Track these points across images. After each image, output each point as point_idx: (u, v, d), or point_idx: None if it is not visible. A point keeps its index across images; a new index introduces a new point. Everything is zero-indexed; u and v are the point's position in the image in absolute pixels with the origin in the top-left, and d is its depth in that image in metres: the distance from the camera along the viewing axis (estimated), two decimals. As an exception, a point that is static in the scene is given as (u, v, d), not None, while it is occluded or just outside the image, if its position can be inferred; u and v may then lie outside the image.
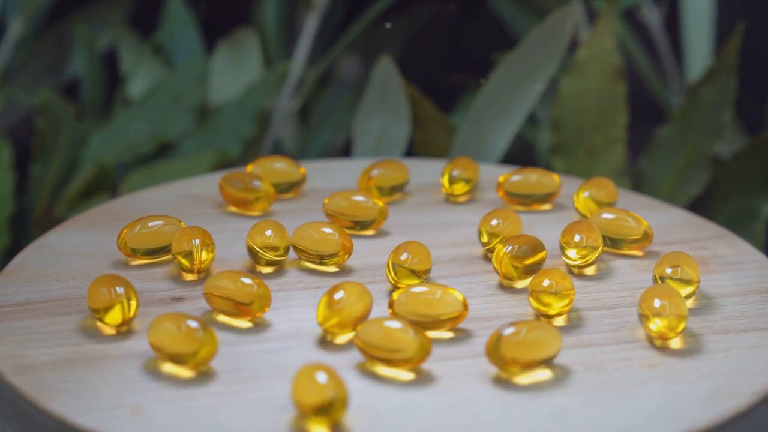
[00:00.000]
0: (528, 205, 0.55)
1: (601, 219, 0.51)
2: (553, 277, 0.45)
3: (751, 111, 0.80)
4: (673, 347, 0.44)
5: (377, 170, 0.55)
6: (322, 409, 0.39)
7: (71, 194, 0.71)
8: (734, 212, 0.71)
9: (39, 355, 0.44)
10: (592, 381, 0.42)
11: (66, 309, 0.46)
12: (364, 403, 0.41)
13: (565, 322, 0.45)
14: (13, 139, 0.75)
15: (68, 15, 0.82)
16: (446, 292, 0.44)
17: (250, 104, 0.73)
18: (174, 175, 0.69)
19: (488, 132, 0.68)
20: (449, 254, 0.50)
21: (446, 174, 0.56)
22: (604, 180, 0.54)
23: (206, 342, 0.42)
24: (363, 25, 0.76)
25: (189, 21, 0.79)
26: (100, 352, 0.44)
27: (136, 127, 0.74)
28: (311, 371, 0.40)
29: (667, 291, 0.45)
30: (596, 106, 0.70)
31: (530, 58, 0.68)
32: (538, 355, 0.42)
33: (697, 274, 0.47)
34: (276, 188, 0.55)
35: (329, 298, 0.44)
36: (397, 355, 0.42)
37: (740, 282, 0.48)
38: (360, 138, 0.70)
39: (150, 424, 0.40)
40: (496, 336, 0.42)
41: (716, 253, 0.50)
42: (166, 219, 0.50)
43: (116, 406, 0.41)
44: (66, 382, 0.42)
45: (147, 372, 0.43)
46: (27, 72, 0.80)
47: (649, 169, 0.71)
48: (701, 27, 0.76)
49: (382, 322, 0.42)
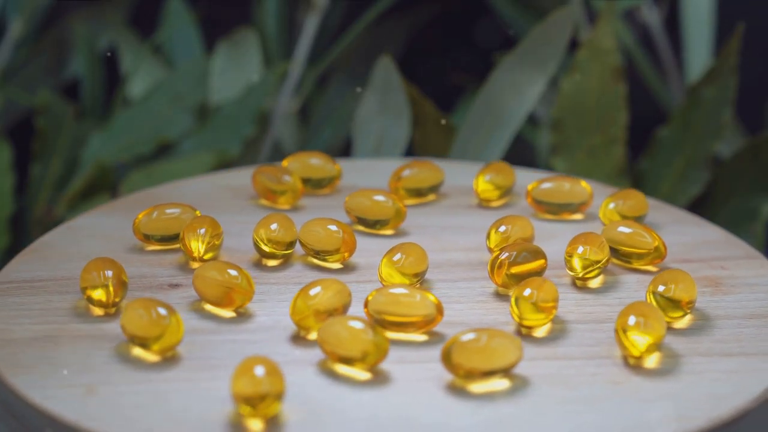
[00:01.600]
0: (557, 214, 0.54)
1: (615, 231, 0.49)
2: (537, 287, 0.45)
3: (751, 111, 0.80)
4: (647, 366, 0.43)
5: (409, 171, 0.55)
6: (254, 402, 0.40)
7: (71, 194, 0.71)
8: (734, 212, 0.71)
9: (22, 330, 0.45)
10: (548, 394, 0.41)
11: (67, 288, 0.48)
12: (310, 399, 0.41)
13: (546, 333, 0.45)
14: (13, 139, 0.75)
15: (68, 15, 0.82)
16: (424, 295, 0.44)
17: (250, 104, 0.73)
18: (174, 175, 0.69)
19: (488, 132, 0.68)
20: (457, 258, 0.50)
21: (478, 178, 0.55)
22: (634, 192, 0.53)
23: (171, 328, 0.43)
24: (363, 25, 0.76)
25: (189, 21, 0.79)
26: (79, 331, 0.45)
27: (136, 127, 0.74)
28: (251, 364, 0.40)
29: (646, 309, 0.43)
30: (596, 106, 0.70)
31: (530, 58, 0.68)
32: (490, 364, 0.41)
33: (690, 294, 0.46)
34: (310, 183, 0.55)
35: (304, 293, 0.45)
36: (353, 354, 0.42)
37: (747, 305, 0.47)
38: (360, 138, 0.70)
39: (93, 404, 0.41)
40: (451, 342, 0.42)
41: (734, 274, 0.49)
42: (183, 207, 0.51)
43: (72, 384, 0.42)
44: (34, 358, 0.43)
45: (116, 354, 0.43)
46: (27, 72, 0.80)
47: (649, 169, 0.71)
48: (701, 27, 0.76)
49: (344, 321, 0.43)
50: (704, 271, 0.49)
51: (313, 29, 0.78)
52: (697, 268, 0.49)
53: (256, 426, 0.40)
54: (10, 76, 0.79)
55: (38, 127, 0.73)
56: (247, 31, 0.78)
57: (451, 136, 0.70)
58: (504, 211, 0.55)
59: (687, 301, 0.46)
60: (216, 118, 0.74)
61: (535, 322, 0.45)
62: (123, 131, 0.73)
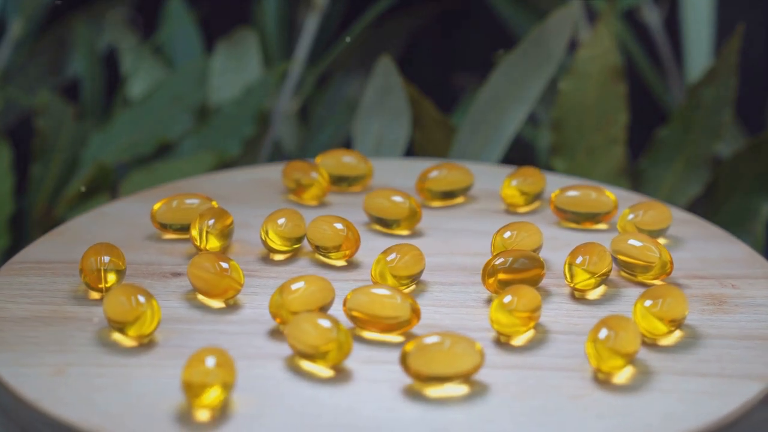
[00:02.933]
0: (579, 223, 0.53)
1: (623, 243, 0.49)
2: (518, 295, 0.45)
3: (751, 111, 0.80)
4: (615, 381, 0.43)
5: (437, 172, 0.55)
6: (199, 391, 0.40)
7: (71, 195, 0.71)
8: (734, 212, 0.71)
9: (18, 309, 0.46)
10: (501, 403, 0.41)
11: (74, 271, 0.49)
12: (266, 393, 0.42)
13: (524, 342, 0.45)
14: (12, 140, 0.75)
15: (68, 15, 0.82)
16: (404, 297, 0.44)
17: (249, 104, 0.73)
18: (174, 175, 0.69)
19: (488, 132, 0.68)
20: (462, 262, 0.50)
21: (505, 183, 0.55)
22: (656, 204, 0.52)
23: (147, 315, 0.44)
24: (363, 25, 0.76)
25: (189, 21, 0.79)
26: (71, 313, 0.46)
27: (136, 128, 0.74)
28: (204, 354, 0.41)
29: (622, 323, 0.43)
30: (596, 106, 0.70)
31: (530, 58, 0.68)
32: (445, 369, 0.41)
33: (676, 312, 0.45)
34: (341, 181, 0.56)
35: (286, 287, 0.45)
36: (315, 351, 0.42)
37: (744, 326, 0.46)
38: (360, 138, 0.70)
39: (56, 384, 0.42)
40: (409, 345, 0.42)
41: (743, 293, 0.48)
42: (202, 198, 0.52)
43: (43, 364, 0.43)
44: (18, 336, 0.45)
45: (96, 338, 0.45)
46: (27, 72, 0.80)
47: (649, 169, 0.71)
48: (701, 27, 0.76)
49: (312, 317, 0.43)
50: (712, 288, 0.48)
51: (313, 29, 0.78)
52: (705, 285, 0.49)
53: (202, 415, 0.40)
54: (10, 76, 0.79)
55: (38, 128, 0.73)
56: (247, 31, 0.78)
57: (451, 136, 0.70)
58: (524, 218, 0.54)
59: (671, 318, 0.45)
60: (216, 118, 0.74)
61: (511, 329, 0.44)
62: (123, 131, 0.73)
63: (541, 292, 0.48)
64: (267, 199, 0.56)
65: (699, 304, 0.47)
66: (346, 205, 0.55)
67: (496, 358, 0.44)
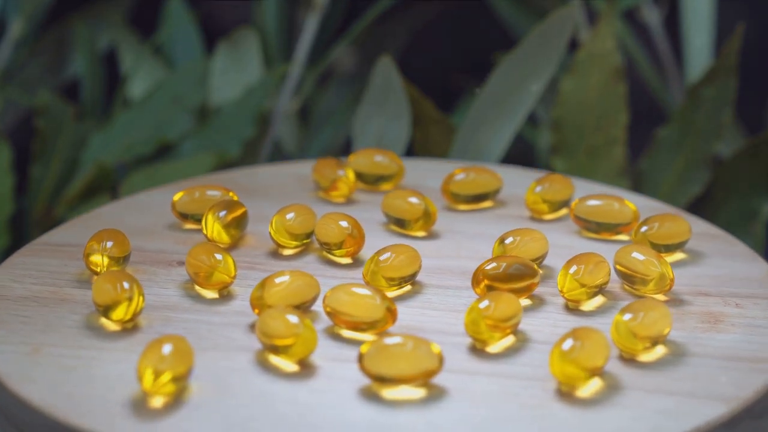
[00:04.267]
0: (598, 233, 0.53)
1: (626, 255, 0.48)
2: (496, 303, 0.44)
3: (751, 111, 0.80)
4: (577, 395, 0.42)
5: (463, 175, 0.55)
6: (151, 379, 0.41)
7: (71, 195, 0.71)
8: (734, 212, 0.70)
9: (20, 288, 0.48)
10: (452, 408, 0.41)
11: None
12: (224, 384, 0.42)
13: (500, 350, 0.44)
14: (12, 140, 0.75)
15: (68, 15, 0.82)
16: (383, 297, 0.44)
17: (250, 105, 0.73)
18: (174, 175, 0.69)
19: (488, 132, 0.68)
20: (465, 266, 0.50)
21: (529, 189, 0.54)
22: (673, 217, 0.51)
23: (130, 301, 0.45)
24: (363, 25, 0.76)
25: (189, 21, 0.79)
26: (68, 295, 0.48)
27: (136, 128, 0.74)
28: (163, 342, 0.42)
29: (590, 335, 0.42)
30: (596, 106, 0.70)
31: (530, 58, 0.68)
32: (399, 371, 0.41)
33: (652, 329, 0.44)
34: (372, 179, 0.56)
35: (270, 280, 0.46)
36: (279, 344, 0.43)
37: (735, 346, 0.45)
38: (360, 138, 0.70)
39: (28, 363, 0.43)
40: (367, 346, 0.42)
41: (745, 313, 0.47)
42: (224, 191, 0.53)
43: (24, 342, 0.45)
44: (10, 314, 0.46)
45: (84, 320, 0.46)
46: (27, 72, 0.80)
47: (649, 169, 0.71)
48: (701, 27, 0.76)
49: (280, 312, 0.43)
50: (714, 306, 0.47)
51: (313, 29, 0.78)
52: (708, 303, 0.48)
53: (156, 402, 0.41)
54: (10, 76, 0.79)
55: (38, 128, 0.73)
56: (247, 31, 0.78)
57: (451, 136, 0.70)
58: (548, 226, 0.53)
59: (646, 335, 0.43)
60: (216, 118, 0.74)
61: (483, 335, 0.44)
62: (123, 132, 0.73)
63: (535, 300, 0.47)
64: (294, 194, 0.56)
65: (693, 322, 0.46)
66: (373, 204, 0.55)
67: (465, 363, 0.43)
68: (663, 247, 0.50)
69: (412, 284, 0.49)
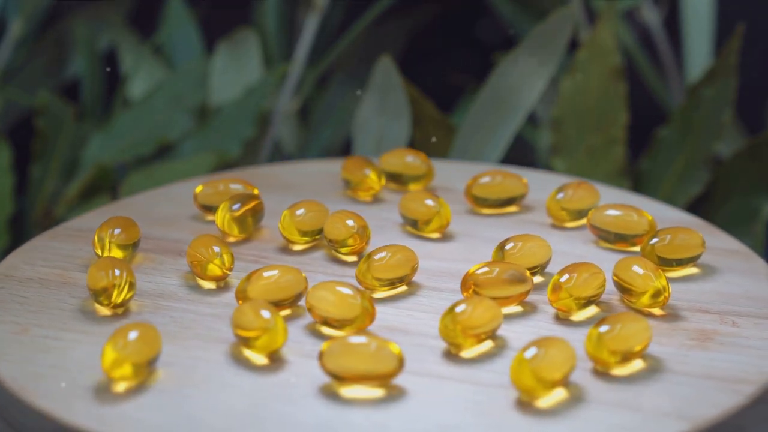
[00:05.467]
0: (613, 243, 0.51)
1: (625, 268, 0.47)
2: (475, 307, 0.44)
3: (751, 111, 0.80)
4: (536, 405, 0.41)
5: (488, 179, 0.54)
6: (113, 365, 0.42)
7: (71, 195, 0.71)
8: (734, 212, 0.70)
9: (29, 270, 0.49)
10: (406, 410, 0.41)
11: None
12: (190, 372, 0.43)
13: (473, 355, 0.44)
14: (12, 140, 0.75)
15: (68, 15, 0.82)
16: (363, 297, 0.44)
17: (250, 105, 0.73)
18: (174, 176, 0.69)
19: (488, 132, 0.68)
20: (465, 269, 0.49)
21: (551, 196, 0.53)
22: (688, 230, 0.49)
23: (120, 288, 0.46)
24: (363, 25, 0.76)
25: (189, 21, 0.79)
26: (71, 279, 0.48)
27: (136, 128, 0.74)
28: (128, 329, 0.42)
29: (555, 344, 0.41)
30: (596, 106, 0.70)
31: (530, 58, 0.68)
32: (356, 370, 0.41)
33: (630, 343, 0.42)
34: (402, 179, 0.56)
35: (258, 273, 0.46)
36: (248, 335, 0.43)
37: (716, 365, 0.44)
38: (360, 138, 0.70)
39: (11, 343, 0.44)
40: (327, 344, 0.42)
41: (740, 333, 0.46)
42: (247, 185, 0.54)
43: (14, 322, 0.45)
44: (11, 294, 0.47)
45: (79, 304, 0.47)
46: (27, 72, 0.80)
47: (649, 169, 0.71)
48: (701, 27, 0.76)
49: (254, 304, 0.43)
50: (709, 324, 0.46)
51: (313, 29, 0.78)
52: (704, 320, 0.46)
53: (119, 387, 0.42)
54: (10, 76, 0.79)
55: (38, 128, 0.73)
56: (247, 31, 0.78)
57: (451, 136, 0.70)
58: (569, 234, 0.52)
59: (616, 349, 0.42)
60: (216, 118, 0.74)
61: (455, 340, 0.43)
62: (123, 132, 0.73)
63: (526, 307, 0.47)
64: (322, 192, 0.56)
65: (682, 338, 0.45)
66: (396, 203, 0.55)
67: (434, 366, 0.43)
68: (675, 261, 0.49)
69: (408, 285, 0.48)
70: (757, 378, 0.43)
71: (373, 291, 0.48)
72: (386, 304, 0.47)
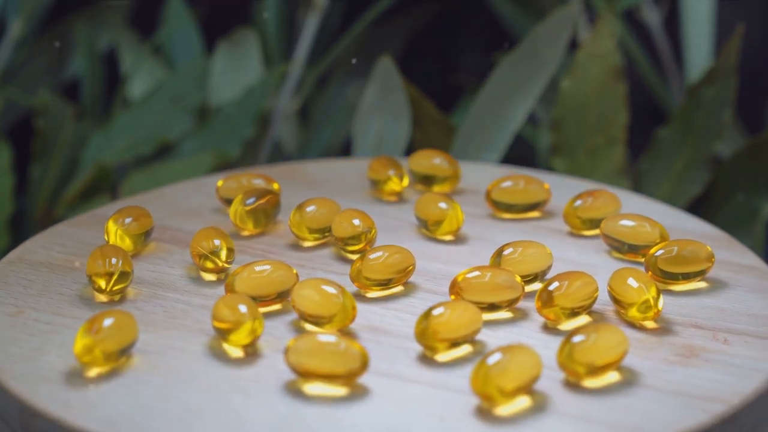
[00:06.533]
0: (623, 253, 0.50)
1: (620, 280, 0.46)
2: (454, 310, 0.43)
3: (751, 111, 0.80)
4: (496, 412, 0.41)
5: (508, 183, 0.54)
6: (84, 350, 0.42)
7: (71, 195, 0.71)
8: (734, 212, 0.70)
9: (43, 254, 0.50)
10: (363, 410, 0.41)
11: None
12: (164, 361, 0.43)
13: (446, 360, 0.43)
14: (12, 140, 0.75)
15: (68, 15, 0.82)
16: (346, 296, 0.44)
17: (249, 105, 0.73)
18: (174, 176, 0.69)
19: (488, 132, 0.68)
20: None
21: (568, 204, 0.53)
22: (696, 243, 0.48)
23: (117, 276, 0.47)
24: (363, 25, 0.76)
25: (189, 21, 0.79)
26: (80, 265, 0.49)
27: (136, 128, 0.74)
28: (105, 316, 0.43)
29: (519, 353, 0.41)
30: (596, 106, 0.70)
31: (530, 58, 0.68)
32: (318, 368, 0.41)
33: (598, 355, 0.41)
34: (426, 180, 0.56)
35: (249, 267, 0.46)
36: (223, 327, 0.43)
37: (690, 383, 0.42)
38: (360, 138, 0.70)
39: (2, 324, 0.45)
40: (293, 341, 0.42)
41: (728, 350, 0.44)
42: (269, 181, 0.54)
43: (13, 304, 0.46)
44: (18, 276, 0.48)
45: (80, 290, 0.48)
46: (27, 72, 0.80)
47: (649, 169, 0.71)
48: (701, 27, 0.76)
49: (233, 298, 0.44)
50: (698, 339, 0.45)
51: (313, 29, 0.78)
52: (694, 335, 0.45)
53: (90, 372, 0.42)
54: (10, 76, 0.79)
55: (38, 128, 0.73)
56: (247, 31, 0.78)
57: (451, 135, 0.70)
58: (585, 242, 0.52)
59: (584, 360, 0.41)
60: (216, 118, 0.74)
61: (428, 342, 0.43)
62: (123, 132, 0.73)
63: (517, 313, 0.46)
64: (347, 190, 0.57)
65: (666, 353, 0.44)
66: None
67: (404, 368, 0.43)
68: (681, 276, 0.48)
69: (405, 286, 0.48)
70: (729, 398, 0.42)
71: (366, 291, 0.48)
72: (377, 304, 0.47)
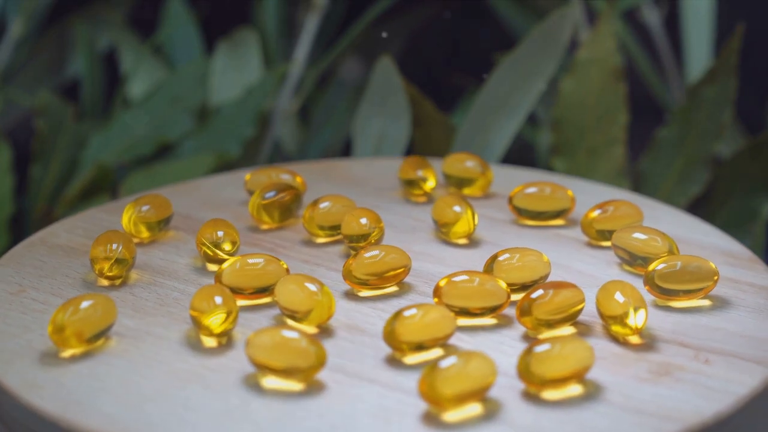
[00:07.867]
0: (632, 266, 0.49)
1: (607, 292, 0.45)
2: (426, 313, 0.43)
3: (751, 111, 0.80)
4: (443, 418, 0.40)
5: (532, 189, 0.53)
6: (54, 331, 0.43)
7: (71, 195, 0.71)
8: (734, 212, 0.70)
9: (64, 237, 0.51)
10: (313, 407, 0.41)
11: None
12: (139, 348, 0.44)
13: (416, 362, 0.43)
14: (12, 140, 0.75)
15: (68, 15, 0.82)
16: (324, 293, 0.44)
17: (250, 105, 0.73)
18: (174, 176, 0.69)
19: (488, 132, 0.68)
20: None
21: (587, 214, 0.52)
22: (698, 259, 0.47)
23: (120, 262, 0.47)
24: (363, 25, 0.76)
25: (189, 21, 0.79)
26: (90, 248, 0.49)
27: (136, 128, 0.74)
28: (83, 299, 0.43)
29: (473, 359, 0.40)
30: (596, 106, 0.70)
31: (530, 58, 0.68)
32: (275, 363, 0.41)
33: (560, 367, 0.40)
34: (457, 182, 0.57)
35: (243, 260, 0.46)
36: (201, 320, 0.44)
37: (654, 402, 0.41)
38: (360, 138, 0.70)
39: (1, 302, 0.46)
40: (254, 334, 0.42)
41: (706, 372, 0.43)
42: (295, 176, 0.55)
43: (18, 283, 0.47)
44: (33, 258, 0.49)
45: (84, 274, 0.48)
46: (27, 72, 0.80)
47: (649, 169, 0.71)
48: (701, 27, 0.76)
49: (213, 289, 0.44)
50: (678, 358, 0.44)
51: (313, 29, 0.78)
52: (676, 354, 0.44)
53: (65, 353, 0.43)
54: (10, 76, 0.79)
55: (38, 128, 0.73)
56: (247, 31, 0.78)
57: (451, 135, 0.70)
58: (598, 252, 0.51)
59: (537, 372, 0.41)
60: (216, 118, 0.74)
61: (395, 344, 0.43)
62: (123, 132, 0.73)
63: (503, 320, 0.45)
64: (378, 189, 0.57)
65: (640, 370, 0.43)
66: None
67: (368, 370, 0.43)
68: (681, 292, 0.47)
69: (399, 286, 0.48)
70: (688, 417, 0.40)
71: (358, 290, 0.48)
72: (365, 303, 0.47)
